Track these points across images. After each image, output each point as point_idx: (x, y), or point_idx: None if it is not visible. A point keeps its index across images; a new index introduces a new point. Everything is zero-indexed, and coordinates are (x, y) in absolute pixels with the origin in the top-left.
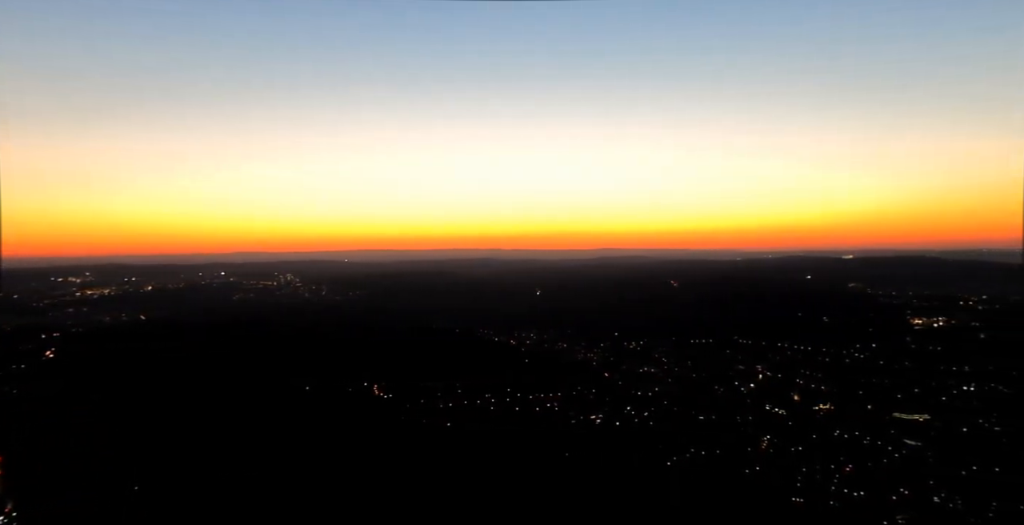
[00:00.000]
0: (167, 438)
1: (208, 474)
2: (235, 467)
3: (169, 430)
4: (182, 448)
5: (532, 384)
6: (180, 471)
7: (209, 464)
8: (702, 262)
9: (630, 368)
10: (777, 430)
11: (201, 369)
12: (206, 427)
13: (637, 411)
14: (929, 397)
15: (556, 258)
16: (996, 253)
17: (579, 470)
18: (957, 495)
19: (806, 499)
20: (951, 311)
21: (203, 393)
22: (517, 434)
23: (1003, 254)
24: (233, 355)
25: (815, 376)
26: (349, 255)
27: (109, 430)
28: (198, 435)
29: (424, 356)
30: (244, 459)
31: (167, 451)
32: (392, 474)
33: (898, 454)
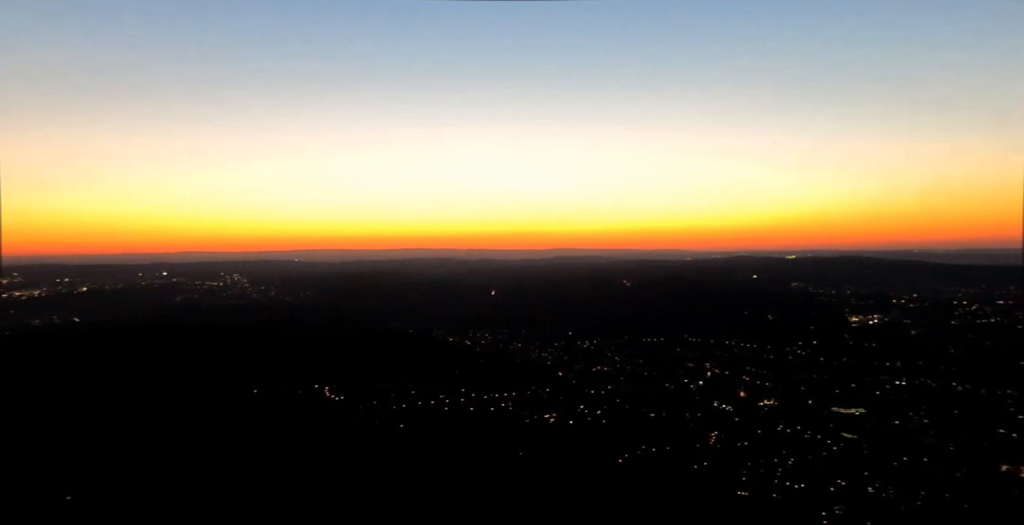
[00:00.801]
0: (100, 448)
1: (145, 485)
2: (174, 476)
3: (102, 439)
4: (116, 458)
5: (486, 384)
6: (115, 482)
7: (146, 474)
8: (654, 262)
9: (584, 367)
10: (724, 426)
11: (140, 373)
12: (143, 434)
13: (590, 409)
14: (864, 392)
15: (512, 258)
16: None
17: (533, 469)
18: (889, 485)
19: (751, 492)
20: (885, 309)
21: (141, 398)
22: (471, 434)
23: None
24: (176, 358)
25: (760, 373)
26: (300, 255)
27: (35, 440)
28: (134, 443)
29: (378, 357)
30: (184, 468)
31: (100, 461)
32: (344, 477)
33: (836, 447)
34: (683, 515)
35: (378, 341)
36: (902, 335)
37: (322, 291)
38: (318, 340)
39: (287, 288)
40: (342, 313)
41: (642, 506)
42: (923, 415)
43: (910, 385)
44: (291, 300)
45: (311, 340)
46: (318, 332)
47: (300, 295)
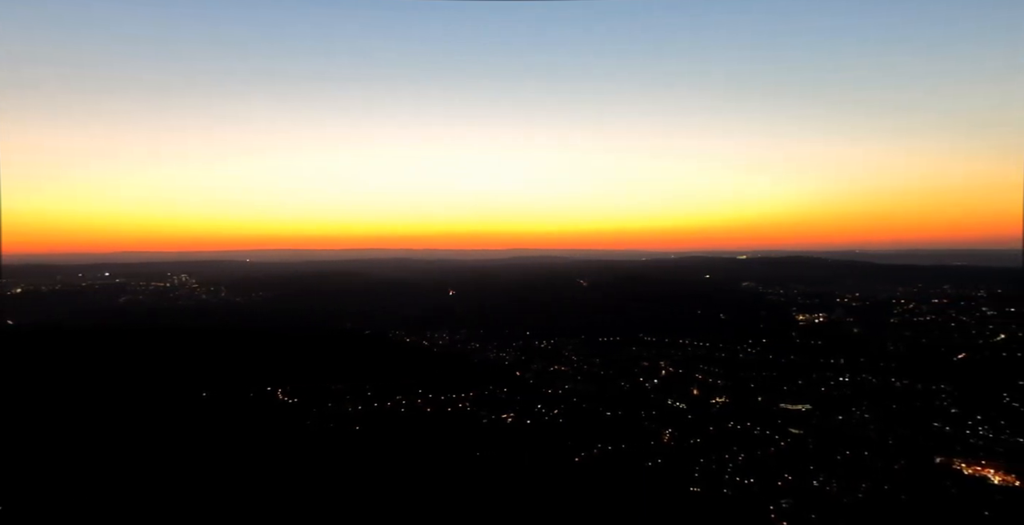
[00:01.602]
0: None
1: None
2: (114, 486)
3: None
4: (52, 465)
5: (444, 385)
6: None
7: (87, 483)
8: (610, 262)
9: (541, 367)
10: (678, 423)
11: (79, 377)
12: (83, 441)
13: (548, 409)
14: (811, 388)
15: (469, 258)
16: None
17: (490, 470)
18: (833, 478)
19: (703, 488)
20: (830, 308)
21: (78, 403)
22: (428, 435)
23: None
24: (118, 361)
25: (713, 371)
26: (252, 255)
27: None
28: (72, 451)
29: (333, 358)
30: (129, 476)
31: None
32: (296, 481)
33: (784, 442)
34: (638, 512)
35: (333, 342)
36: (845, 333)
37: (276, 292)
38: (271, 341)
39: (238, 289)
40: (296, 314)
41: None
42: (864, 410)
43: (853, 381)
44: (243, 301)
45: (263, 341)
46: (271, 333)
47: (252, 296)
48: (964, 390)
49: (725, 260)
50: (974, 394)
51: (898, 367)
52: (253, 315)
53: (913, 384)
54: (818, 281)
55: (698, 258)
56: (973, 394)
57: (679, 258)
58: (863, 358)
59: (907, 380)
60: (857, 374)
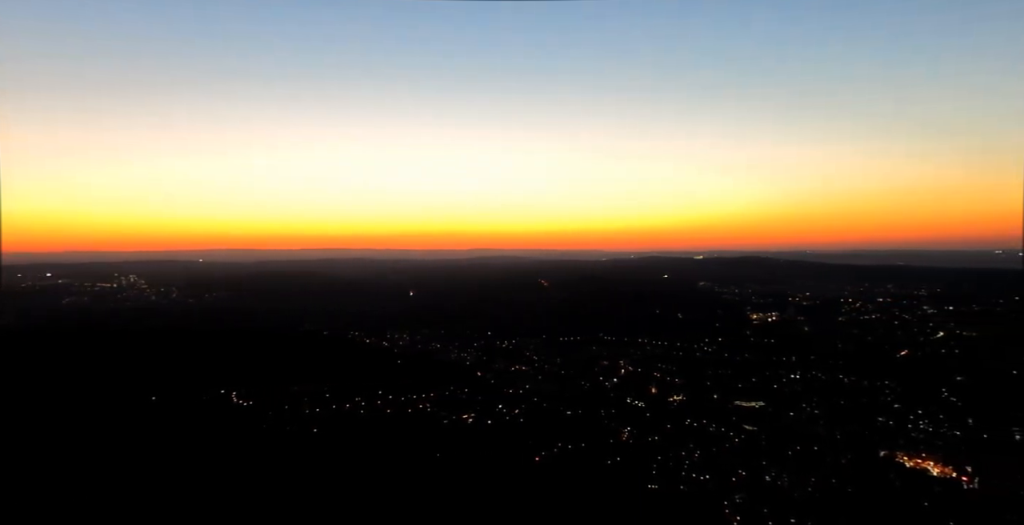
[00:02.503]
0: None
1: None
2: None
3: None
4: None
5: (404, 386)
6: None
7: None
8: (571, 262)
9: (502, 367)
10: (637, 421)
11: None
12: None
13: (509, 409)
14: (764, 386)
15: (430, 258)
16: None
17: (450, 470)
18: (784, 473)
19: (660, 485)
20: (782, 307)
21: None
22: (388, 437)
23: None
24: (60, 365)
25: (670, 370)
26: (206, 255)
27: None
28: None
29: (290, 360)
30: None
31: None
32: (251, 487)
33: (738, 439)
34: (597, 510)
35: (290, 343)
36: (796, 331)
37: (230, 292)
38: (224, 343)
39: (191, 289)
40: (252, 315)
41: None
42: (814, 406)
43: (803, 378)
44: (195, 302)
45: (217, 343)
46: (224, 334)
47: (205, 297)
48: (906, 386)
49: (683, 260)
50: (915, 390)
51: (846, 364)
52: (206, 316)
53: (860, 380)
54: (771, 281)
55: (657, 258)
56: (914, 390)
57: (639, 258)
58: (813, 356)
59: (854, 377)
60: (808, 371)
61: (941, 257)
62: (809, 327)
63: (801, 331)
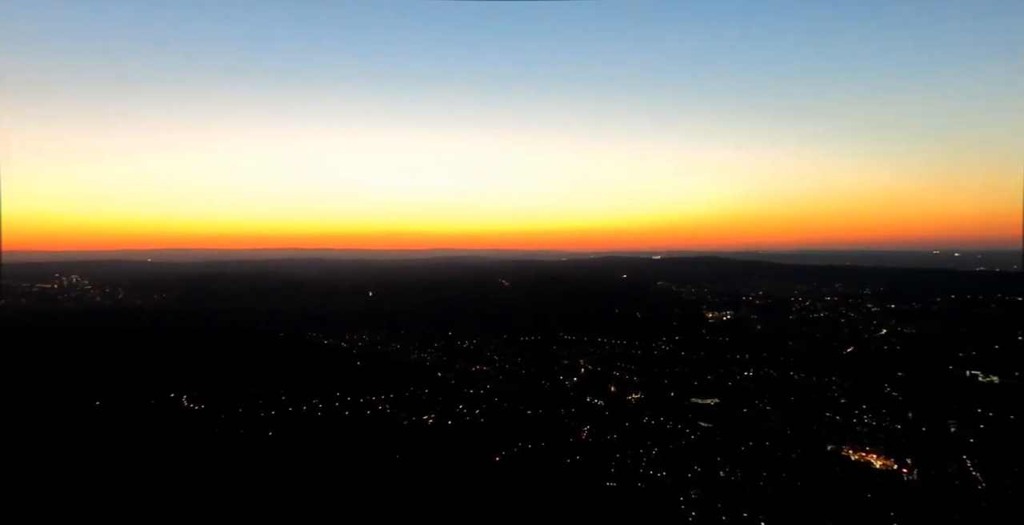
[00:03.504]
0: None
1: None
2: None
3: None
4: None
5: (363, 387)
6: None
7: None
8: (532, 262)
9: (463, 367)
10: (596, 420)
11: None
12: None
13: (469, 409)
14: (719, 383)
15: (390, 258)
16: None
17: (410, 471)
18: (737, 469)
19: (619, 483)
20: (736, 306)
21: None
22: (346, 439)
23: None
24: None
25: (629, 368)
26: (155, 255)
27: None
28: None
29: (244, 362)
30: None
31: None
32: (202, 492)
33: (694, 435)
34: (556, 510)
35: (244, 345)
36: (750, 330)
37: (181, 293)
38: (174, 344)
39: (138, 290)
40: (205, 316)
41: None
42: (767, 403)
43: (756, 375)
44: (143, 303)
45: (166, 345)
46: (174, 336)
47: (154, 298)
48: (852, 382)
49: (642, 260)
50: (860, 385)
51: (796, 361)
52: (155, 317)
53: (809, 377)
54: (726, 280)
55: (616, 258)
56: (859, 385)
57: (598, 258)
58: (766, 353)
59: (804, 373)
60: (760, 369)
61: (884, 257)
62: (762, 325)
63: (754, 329)
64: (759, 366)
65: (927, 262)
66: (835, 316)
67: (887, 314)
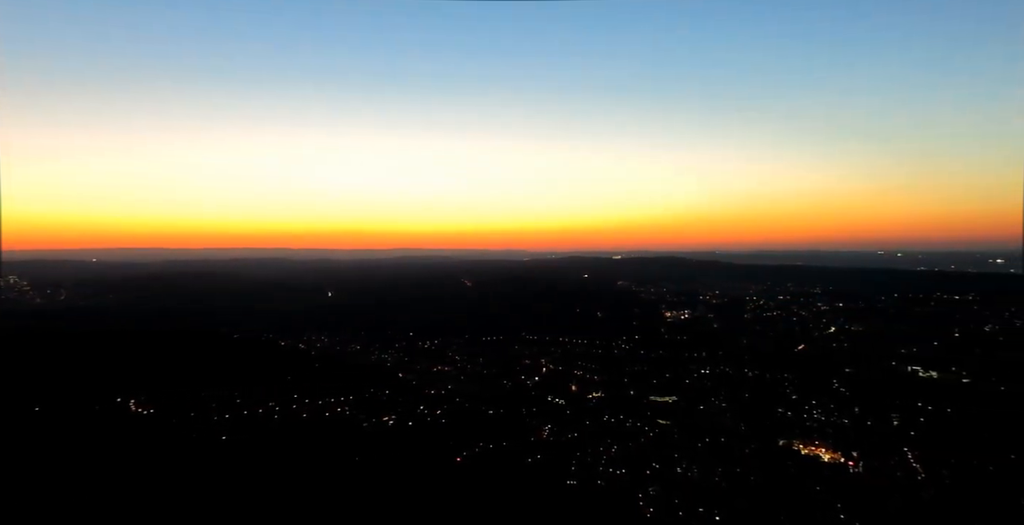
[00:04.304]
0: None
1: None
2: None
3: None
4: None
5: (322, 389)
6: None
7: None
8: (494, 262)
9: (424, 367)
10: (557, 419)
11: None
12: None
13: (430, 410)
14: (677, 381)
15: (352, 258)
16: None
17: (369, 474)
18: (694, 464)
19: (579, 481)
20: (694, 305)
21: None
22: (303, 442)
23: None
24: None
25: (590, 367)
26: (101, 255)
27: None
28: None
29: (197, 364)
30: None
31: None
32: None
33: (652, 433)
34: (517, 509)
35: (197, 346)
36: (707, 328)
37: (130, 294)
38: (120, 346)
39: (82, 291)
40: (154, 317)
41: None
42: (722, 400)
43: (713, 373)
44: (88, 304)
45: (113, 346)
46: (122, 337)
47: (102, 299)
48: (803, 378)
49: (602, 260)
50: (810, 382)
51: (750, 359)
52: (103, 319)
53: (763, 374)
54: (684, 280)
55: (578, 258)
56: (810, 382)
57: (560, 258)
58: (722, 352)
59: (758, 371)
60: (717, 366)
61: (833, 257)
62: (718, 324)
63: (711, 328)
64: (715, 364)
65: (872, 262)
66: (787, 315)
67: (835, 312)
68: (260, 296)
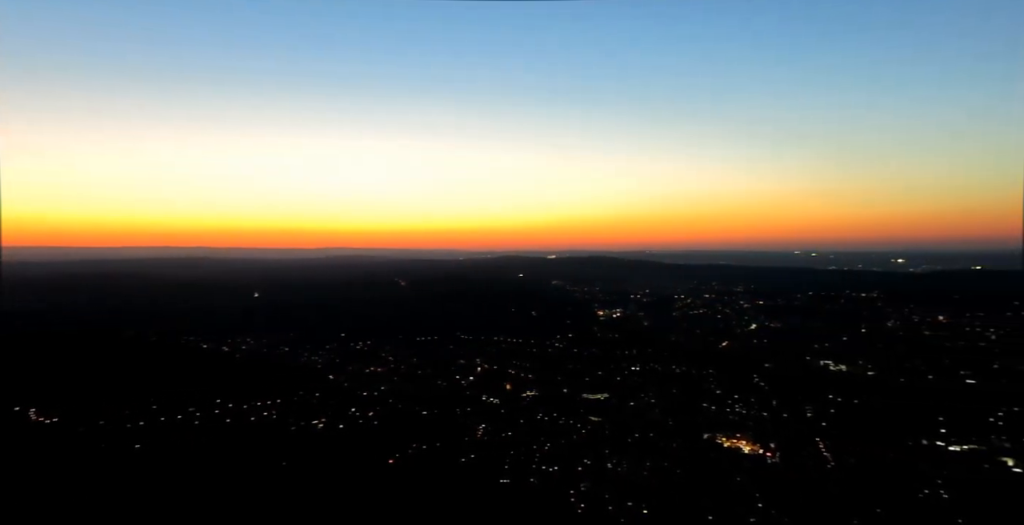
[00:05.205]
0: None
1: None
2: None
3: None
4: None
5: (246, 393)
6: None
7: None
8: (430, 262)
9: (357, 369)
10: (491, 418)
11: None
12: None
13: (362, 412)
14: (609, 378)
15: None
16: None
17: (296, 478)
18: (624, 460)
19: (512, 479)
20: (625, 303)
21: None
22: (225, 448)
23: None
24: None
25: (525, 366)
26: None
27: None
28: None
29: (108, 369)
30: None
31: None
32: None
33: (585, 430)
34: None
35: (106, 349)
36: (637, 326)
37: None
38: (18, 350)
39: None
40: (59, 319)
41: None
42: (651, 396)
43: (643, 370)
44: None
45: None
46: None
47: None
48: (726, 373)
49: (537, 260)
50: (733, 377)
51: (678, 355)
52: None
53: (689, 370)
54: (617, 279)
55: (513, 258)
56: (732, 377)
57: (495, 258)
58: (651, 349)
59: (685, 367)
60: (647, 363)
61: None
62: (648, 322)
63: (641, 326)
64: (646, 361)
65: (790, 262)
66: (712, 312)
67: (757, 310)
68: (180, 297)
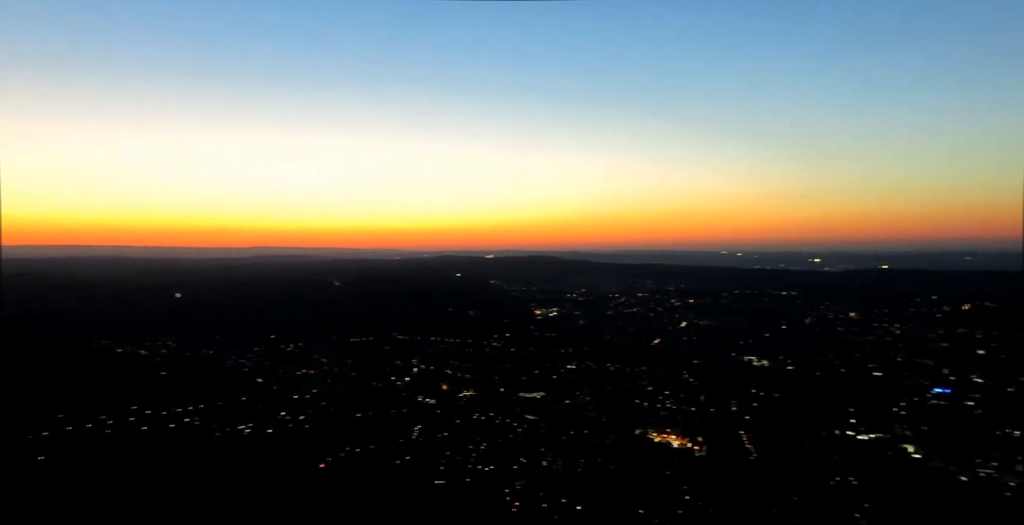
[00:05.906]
0: None
1: None
2: None
3: None
4: None
5: (166, 398)
6: None
7: None
8: (364, 262)
9: (287, 372)
10: (427, 419)
11: None
12: None
13: (292, 416)
14: (545, 376)
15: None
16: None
17: (220, 486)
18: (559, 457)
19: (447, 480)
20: (562, 303)
21: None
22: (141, 457)
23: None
24: None
25: (462, 366)
26: None
27: None
28: None
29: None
30: None
31: None
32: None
33: (521, 428)
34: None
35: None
36: (573, 325)
37: None
38: None
39: None
40: None
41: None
42: (586, 393)
43: (578, 368)
44: None
45: None
46: None
47: None
48: (657, 370)
49: (475, 260)
50: (664, 373)
51: (612, 353)
52: None
53: (623, 368)
54: (554, 279)
55: (450, 257)
56: (663, 373)
57: (432, 257)
58: (586, 347)
59: (618, 365)
60: (582, 361)
61: (686, 257)
62: (584, 320)
63: (577, 324)
64: (581, 359)
65: (717, 262)
66: (645, 311)
67: (687, 308)
68: (93, 298)
